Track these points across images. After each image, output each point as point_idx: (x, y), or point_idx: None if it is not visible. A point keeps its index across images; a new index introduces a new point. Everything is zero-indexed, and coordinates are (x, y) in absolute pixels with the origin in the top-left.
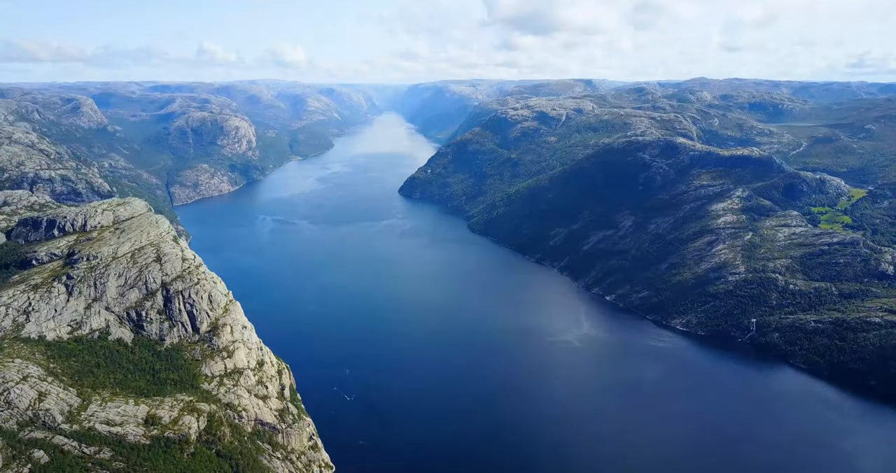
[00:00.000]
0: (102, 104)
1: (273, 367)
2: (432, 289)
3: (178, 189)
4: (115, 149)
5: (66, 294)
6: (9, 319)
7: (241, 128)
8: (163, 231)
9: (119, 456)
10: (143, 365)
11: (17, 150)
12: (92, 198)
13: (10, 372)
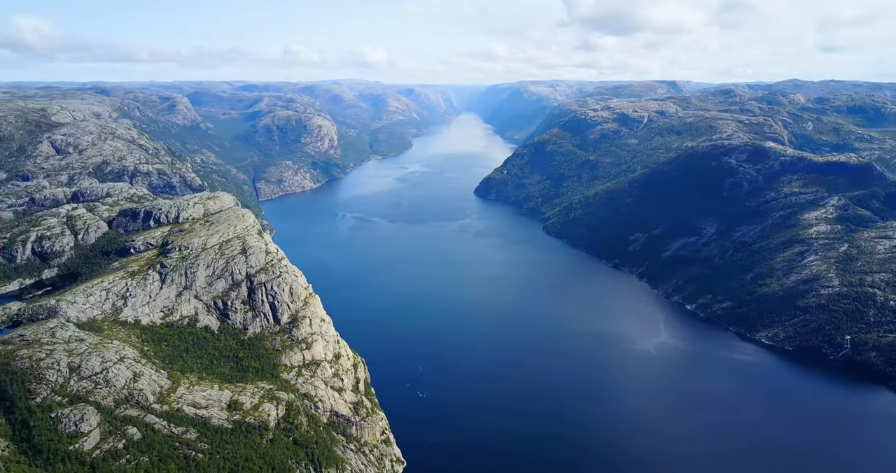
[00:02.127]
0: (196, 102)
1: (349, 360)
2: (505, 291)
3: (264, 184)
4: (207, 145)
5: (160, 281)
6: (109, 303)
7: (323, 127)
8: (248, 224)
9: (204, 438)
10: (227, 353)
11: (119, 145)
12: (185, 191)
13: (108, 353)
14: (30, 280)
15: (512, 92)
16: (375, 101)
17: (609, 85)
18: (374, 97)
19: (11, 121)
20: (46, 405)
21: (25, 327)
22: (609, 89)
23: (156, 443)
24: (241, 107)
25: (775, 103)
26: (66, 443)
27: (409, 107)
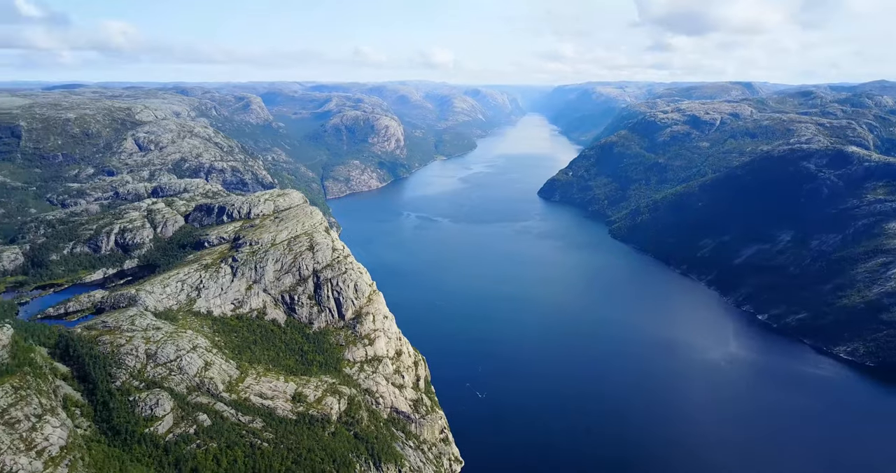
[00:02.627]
0: (268, 102)
1: (410, 358)
2: (568, 294)
3: (332, 183)
4: (278, 143)
5: (231, 275)
6: (184, 294)
7: (390, 127)
8: (316, 222)
9: (269, 427)
10: (293, 346)
11: (196, 143)
12: (256, 188)
13: (183, 342)
14: (112, 269)
15: (579, 93)
16: (441, 102)
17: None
18: (439, 98)
19: (99, 119)
20: (125, 388)
21: (108, 314)
22: (680, 91)
23: (224, 430)
24: (311, 106)
25: (860, 105)
26: (142, 426)
27: (475, 107)
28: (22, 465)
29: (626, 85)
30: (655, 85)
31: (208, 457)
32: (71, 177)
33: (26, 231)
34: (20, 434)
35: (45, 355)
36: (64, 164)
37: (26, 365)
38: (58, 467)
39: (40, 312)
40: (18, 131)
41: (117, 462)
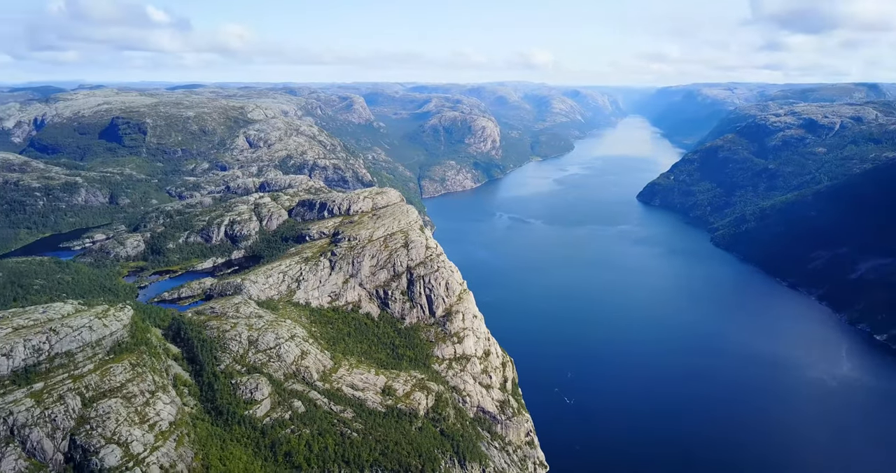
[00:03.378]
0: (370, 102)
1: (498, 358)
2: (665, 303)
3: (428, 182)
4: (378, 143)
5: (329, 268)
6: (285, 285)
7: (487, 128)
8: (412, 220)
9: (359, 418)
10: (385, 340)
11: (301, 141)
12: (356, 185)
13: (282, 330)
14: (221, 259)
15: (684, 94)
16: (539, 103)
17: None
18: (538, 98)
19: (215, 117)
20: (228, 372)
21: (216, 301)
22: (795, 93)
23: (317, 418)
24: (411, 107)
25: None
26: (242, 408)
27: (574, 108)
28: (136, 437)
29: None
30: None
31: (301, 443)
32: (188, 171)
33: (148, 220)
34: (135, 407)
35: (159, 336)
36: (183, 159)
37: (143, 345)
38: (167, 440)
39: (156, 296)
40: (145, 128)
41: (219, 441)
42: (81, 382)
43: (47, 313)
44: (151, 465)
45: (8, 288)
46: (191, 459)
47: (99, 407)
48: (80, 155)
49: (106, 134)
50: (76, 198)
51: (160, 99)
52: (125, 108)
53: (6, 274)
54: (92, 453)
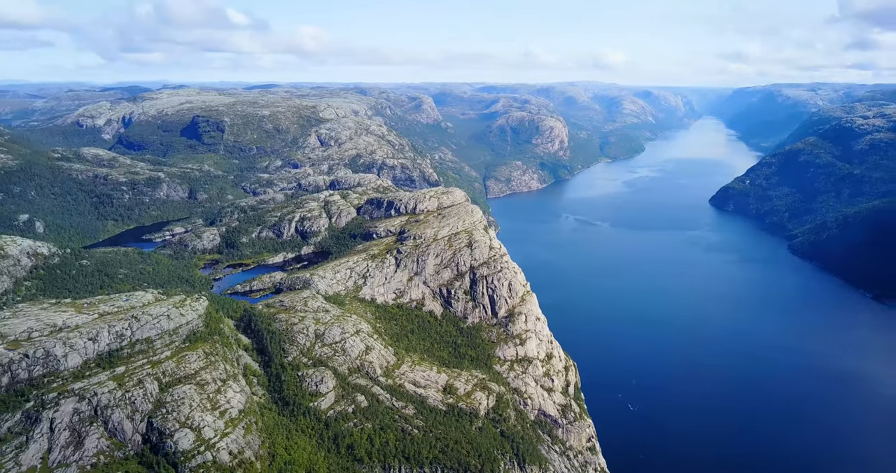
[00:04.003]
0: (439, 102)
1: (561, 362)
2: (736, 312)
3: (493, 183)
4: (445, 143)
5: (395, 266)
6: (351, 281)
7: (555, 129)
8: (476, 220)
9: (420, 415)
10: (447, 338)
11: (371, 140)
12: (422, 185)
13: (347, 325)
14: (291, 254)
15: (763, 95)
16: (609, 104)
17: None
18: (608, 99)
19: (289, 116)
20: (295, 364)
21: (285, 294)
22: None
23: (379, 413)
24: (478, 107)
25: None
26: (308, 400)
27: (645, 109)
28: (208, 422)
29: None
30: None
31: (363, 437)
32: (262, 168)
33: (223, 215)
34: (208, 394)
35: (231, 327)
36: (257, 156)
37: (216, 334)
38: (236, 427)
39: (230, 288)
40: (223, 126)
41: (284, 430)
42: (159, 368)
43: (130, 301)
44: (221, 450)
45: (96, 276)
46: (258, 447)
47: (174, 393)
48: (162, 151)
49: (187, 131)
50: (158, 192)
51: (238, 98)
52: (205, 107)
53: (94, 263)
54: (167, 436)
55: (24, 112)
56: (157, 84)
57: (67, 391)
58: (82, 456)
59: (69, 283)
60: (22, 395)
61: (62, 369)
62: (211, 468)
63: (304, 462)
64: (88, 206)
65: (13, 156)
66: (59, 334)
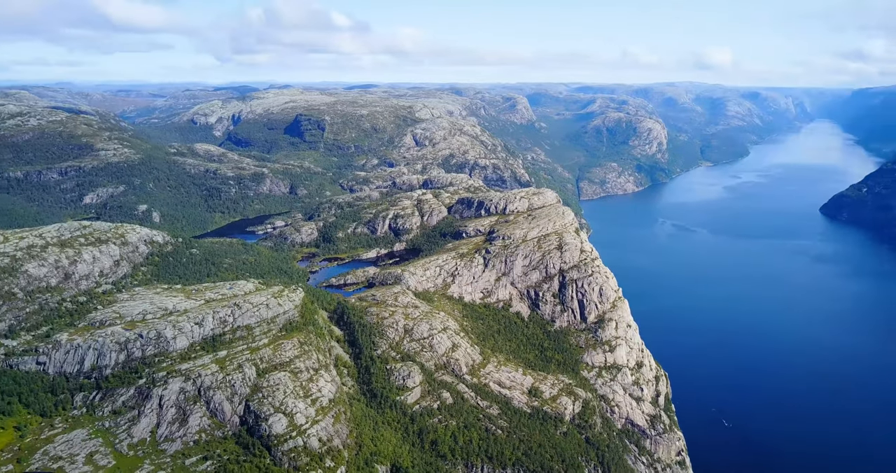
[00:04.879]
0: (533, 103)
1: (651, 371)
2: (847, 329)
3: (586, 184)
4: (539, 143)
5: (483, 265)
6: (440, 279)
7: (653, 130)
8: (567, 222)
9: (504, 416)
10: (534, 341)
11: (464, 140)
12: (513, 185)
13: (435, 322)
14: (384, 250)
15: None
16: (712, 105)
17: None
18: (711, 101)
19: (386, 116)
20: (384, 357)
21: (377, 289)
22: None
23: (463, 411)
24: (574, 108)
25: None
26: (395, 394)
27: (751, 111)
28: (300, 409)
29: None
30: None
31: (447, 433)
32: (359, 166)
33: (321, 210)
34: (301, 382)
35: (325, 318)
36: (355, 155)
37: (310, 325)
38: (326, 416)
39: (325, 281)
40: (323, 125)
41: (371, 422)
42: (257, 354)
43: (233, 289)
44: (311, 437)
45: (203, 264)
46: (345, 436)
47: (270, 378)
48: (267, 148)
49: (290, 129)
50: (262, 187)
51: (338, 98)
52: (308, 106)
53: (202, 253)
54: (262, 419)
55: (146, 110)
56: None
57: (175, 371)
58: (186, 433)
59: (180, 270)
60: (135, 372)
61: (171, 350)
62: (301, 453)
63: (389, 455)
64: (199, 199)
65: (135, 151)
66: (169, 317)
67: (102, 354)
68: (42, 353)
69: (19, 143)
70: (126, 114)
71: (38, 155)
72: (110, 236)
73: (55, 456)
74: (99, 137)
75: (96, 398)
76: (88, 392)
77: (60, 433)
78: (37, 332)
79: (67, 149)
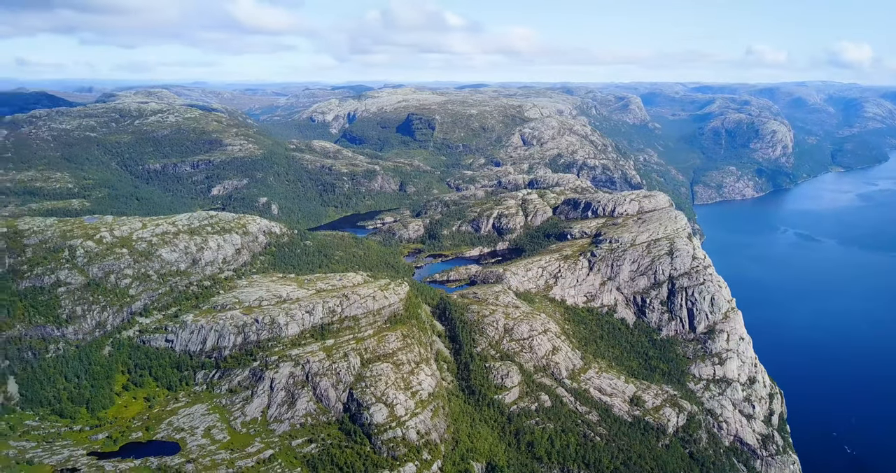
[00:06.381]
0: (647, 102)
1: (765, 388)
2: None
3: (701, 188)
4: (651, 144)
5: (588, 269)
6: (542, 280)
7: (777, 133)
8: (679, 227)
9: (603, 423)
10: (638, 348)
11: (573, 140)
12: (623, 187)
13: (536, 323)
14: (487, 249)
15: None
16: (847, 106)
17: None
18: (845, 101)
19: (495, 115)
20: (483, 355)
21: (478, 287)
22: None
23: (561, 415)
24: (691, 108)
25: None
26: (493, 392)
27: (892, 113)
28: (400, 401)
29: None
30: None
31: (544, 436)
32: (466, 165)
33: (428, 208)
34: (402, 374)
35: (428, 313)
36: (463, 154)
37: (414, 319)
38: (425, 409)
39: (429, 276)
40: (433, 124)
41: (469, 419)
42: (362, 345)
43: (342, 281)
44: (410, 429)
45: (315, 255)
46: (443, 430)
47: (373, 369)
48: (379, 146)
49: (402, 128)
50: (373, 183)
51: (449, 97)
52: (419, 106)
53: (315, 245)
54: (364, 407)
55: (269, 108)
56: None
57: (286, 356)
58: (294, 415)
59: (294, 260)
60: (250, 355)
61: (283, 336)
62: (400, 443)
63: (485, 453)
64: (314, 193)
65: (258, 146)
66: (283, 304)
67: (222, 336)
68: (170, 332)
69: (159, 138)
70: (251, 111)
71: (174, 149)
72: (233, 226)
73: (178, 427)
74: (227, 133)
75: (215, 376)
76: (209, 370)
77: (183, 406)
78: (167, 312)
79: (199, 143)
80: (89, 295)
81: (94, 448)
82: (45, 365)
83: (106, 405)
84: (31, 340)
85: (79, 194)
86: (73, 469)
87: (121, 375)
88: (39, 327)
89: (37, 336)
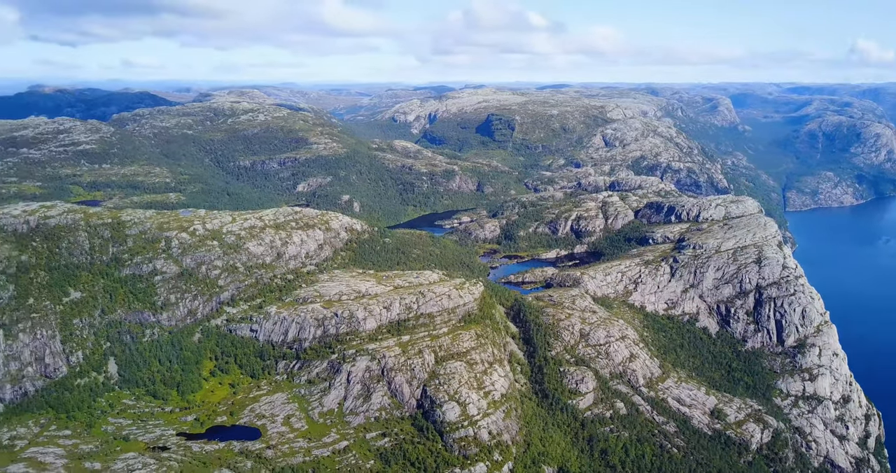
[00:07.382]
0: (738, 104)
1: (860, 408)
2: None
3: (794, 194)
4: (741, 147)
5: (669, 275)
6: (622, 285)
7: (882, 137)
8: (769, 234)
9: (681, 435)
10: (721, 359)
11: (657, 142)
12: (709, 191)
13: (613, 329)
14: (564, 251)
15: None
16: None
17: None
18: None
19: (576, 116)
20: (558, 359)
21: (554, 289)
22: None
23: (637, 424)
24: (785, 110)
25: None
26: (567, 397)
27: None
28: (473, 400)
29: None
30: None
31: (619, 445)
32: (545, 166)
33: (505, 208)
34: (475, 374)
35: (502, 313)
36: (542, 154)
37: (488, 319)
38: (497, 410)
39: (504, 277)
40: (513, 124)
41: (541, 422)
42: (437, 342)
43: (419, 278)
44: (482, 429)
45: (394, 253)
46: (515, 432)
47: (447, 367)
48: (458, 146)
49: (481, 128)
50: (451, 183)
51: (529, 98)
52: (499, 106)
53: (394, 242)
54: (437, 405)
55: (353, 108)
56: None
57: (363, 350)
58: (368, 409)
59: (373, 257)
60: (329, 347)
61: (360, 330)
62: (471, 443)
63: (557, 457)
64: (395, 192)
65: (342, 145)
66: (361, 299)
67: (303, 328)
68: (255, 322)
69: (249, 136)
70: (336, 111)
71: (263, 146)
72: (317, 222)
73: (259, 414)
74: (312, 132)
75: (295, 367)
76: (289, 360)
77: (265, 394)
78: (252, 303)
79: (286, 141)
80: (182, 285)
81: (182, 429)
82: (142, 348)
83: (195, 389)
84: (130, 324)
85: (175, 188)
86: (163, 447)
87: (208, 361)
88: (137, 312)
89: (135, 321)
